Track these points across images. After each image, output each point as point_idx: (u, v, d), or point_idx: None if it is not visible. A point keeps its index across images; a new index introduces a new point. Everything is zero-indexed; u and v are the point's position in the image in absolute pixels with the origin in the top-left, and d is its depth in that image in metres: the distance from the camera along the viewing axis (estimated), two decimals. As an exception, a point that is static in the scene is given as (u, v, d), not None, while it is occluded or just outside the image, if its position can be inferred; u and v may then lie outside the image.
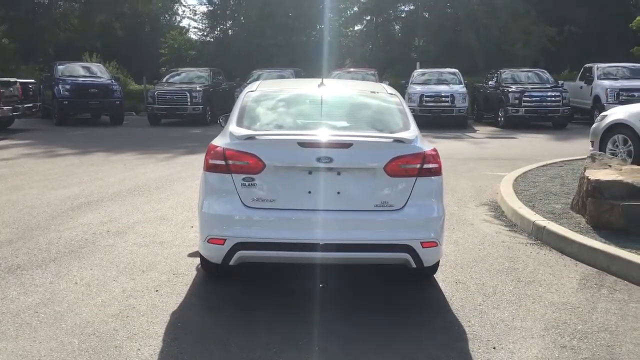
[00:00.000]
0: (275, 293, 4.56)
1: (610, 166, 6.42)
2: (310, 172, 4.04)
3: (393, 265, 4.77)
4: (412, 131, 4.33)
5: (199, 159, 4.41)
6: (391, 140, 4.16)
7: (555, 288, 4.65)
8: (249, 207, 4.05)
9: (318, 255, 4.08)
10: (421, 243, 4.04)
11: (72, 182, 8.95)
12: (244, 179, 4.04)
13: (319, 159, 3.97)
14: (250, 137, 4.13)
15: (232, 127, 4.36)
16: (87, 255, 5.35)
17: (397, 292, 4.66)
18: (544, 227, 5.90)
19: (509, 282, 4.77)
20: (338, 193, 4.05)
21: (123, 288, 4.56)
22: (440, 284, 4.71)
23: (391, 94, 5.03)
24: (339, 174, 4.04)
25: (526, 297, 4.45)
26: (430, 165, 4.13)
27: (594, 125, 9.75)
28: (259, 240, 4.04)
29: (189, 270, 4.98)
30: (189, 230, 6.19)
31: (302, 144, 4.01)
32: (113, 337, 3.72)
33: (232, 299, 4.45)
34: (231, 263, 4.09)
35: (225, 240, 4.03)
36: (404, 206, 4.07)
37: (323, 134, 4.18)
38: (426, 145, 4.28)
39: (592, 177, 5.99)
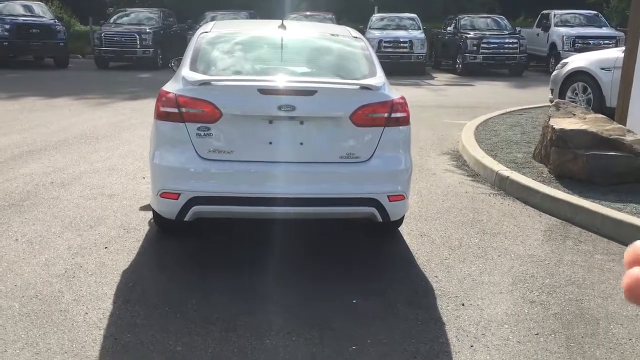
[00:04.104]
0: (234, 250, 4.32)
1: (574, 115, 6.33)
2: (270, 122, 3.76)
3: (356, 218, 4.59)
4: (379, 78, 4.06)
5: (149, 105, 4.05)
6: (358, 87, 3.89)
7: (520, 240, 4.57)
8: (204, 158, 3.75)
9: (279, 209, 3.85)
10: (388, 196, 3.84)
11: (13, 129, 8.37)
12: (199, 129, 3.73)
13: (280, 107, 3.68)
14: (205, 83, 3.79)
15: (185, 71, 3.99)
16: (29, 209, 4.97)
17: (361, 246, 4.50)
18: (507, 177, 5.80)
19: (474, 235, 4.66)
20: (301, 144, 3.78)
21: (69, 245, 4.24)
22: (405, 237, 4.56)
23: (355, 37, 4.72)
24: (302, 123, 3.77)
25: (492, 250, 4.35)
26: (399, 115, 3.89)
27: (554, 73, 9.71)
28: (216, 195, 3.77)
29: (141, 225, 4.68)
30: (140, 181, 5.84)
31: (263, 91, 3.71)
32: (58, 300, 3.43)
33: (188, 257, 4.20)
34: (186, 219, 3.82)
35: (179, 194, 3.74)
36: (370, 158, 3.84)
37: (285, 80, 3.88)
38: (394, 93, 4.02)
39: (556, 127, 5.88)
